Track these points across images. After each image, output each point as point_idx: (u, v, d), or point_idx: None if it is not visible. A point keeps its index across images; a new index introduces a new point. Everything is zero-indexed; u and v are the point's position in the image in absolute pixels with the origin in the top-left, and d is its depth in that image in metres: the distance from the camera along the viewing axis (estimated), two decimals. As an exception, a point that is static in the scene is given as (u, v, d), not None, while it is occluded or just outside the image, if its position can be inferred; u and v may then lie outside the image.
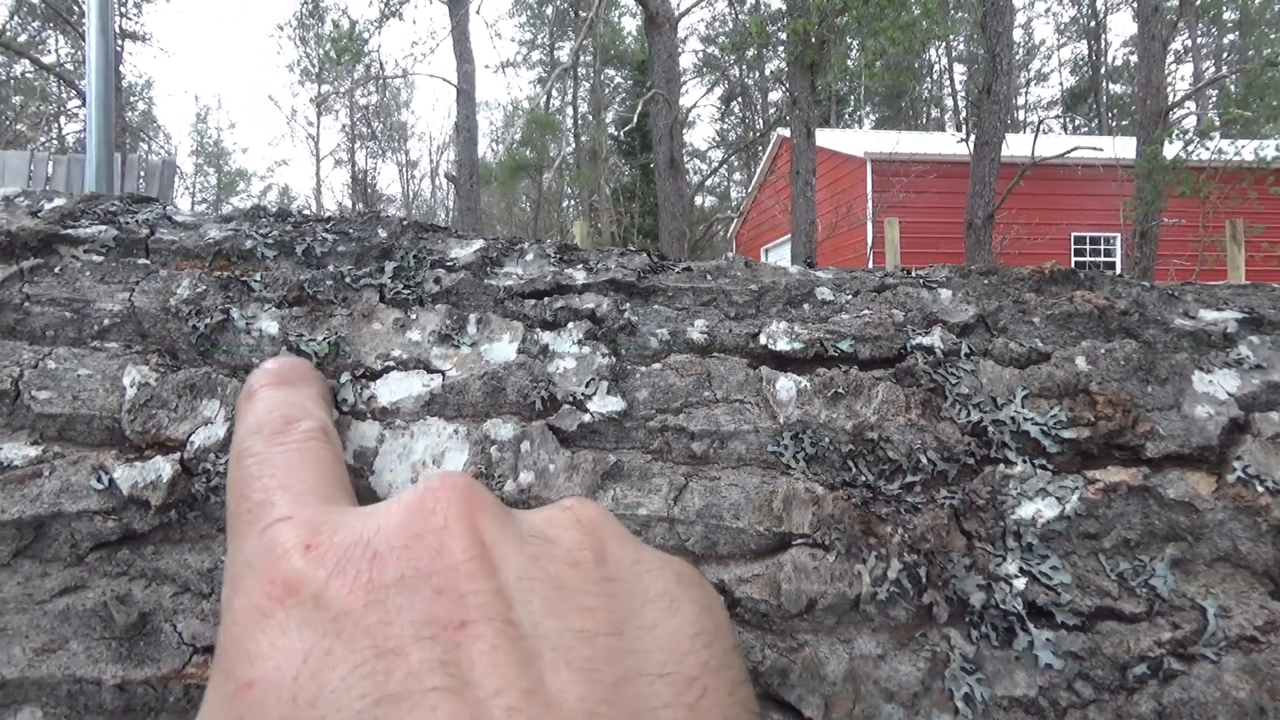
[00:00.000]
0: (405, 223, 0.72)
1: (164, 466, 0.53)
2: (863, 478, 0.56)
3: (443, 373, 0.59)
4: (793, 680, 0.51)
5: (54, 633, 0.51)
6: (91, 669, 0.51)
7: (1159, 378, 0.59)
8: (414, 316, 0.63)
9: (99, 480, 0.53)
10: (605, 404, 0.58)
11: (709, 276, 0.69)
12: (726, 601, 0.53)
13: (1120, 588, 0.53)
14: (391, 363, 0.60)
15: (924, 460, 0.56)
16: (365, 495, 0.54)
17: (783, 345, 0.62)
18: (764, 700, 0.52)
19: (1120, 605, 0.52)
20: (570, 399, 0.58)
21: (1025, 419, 0.57)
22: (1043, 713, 0.51)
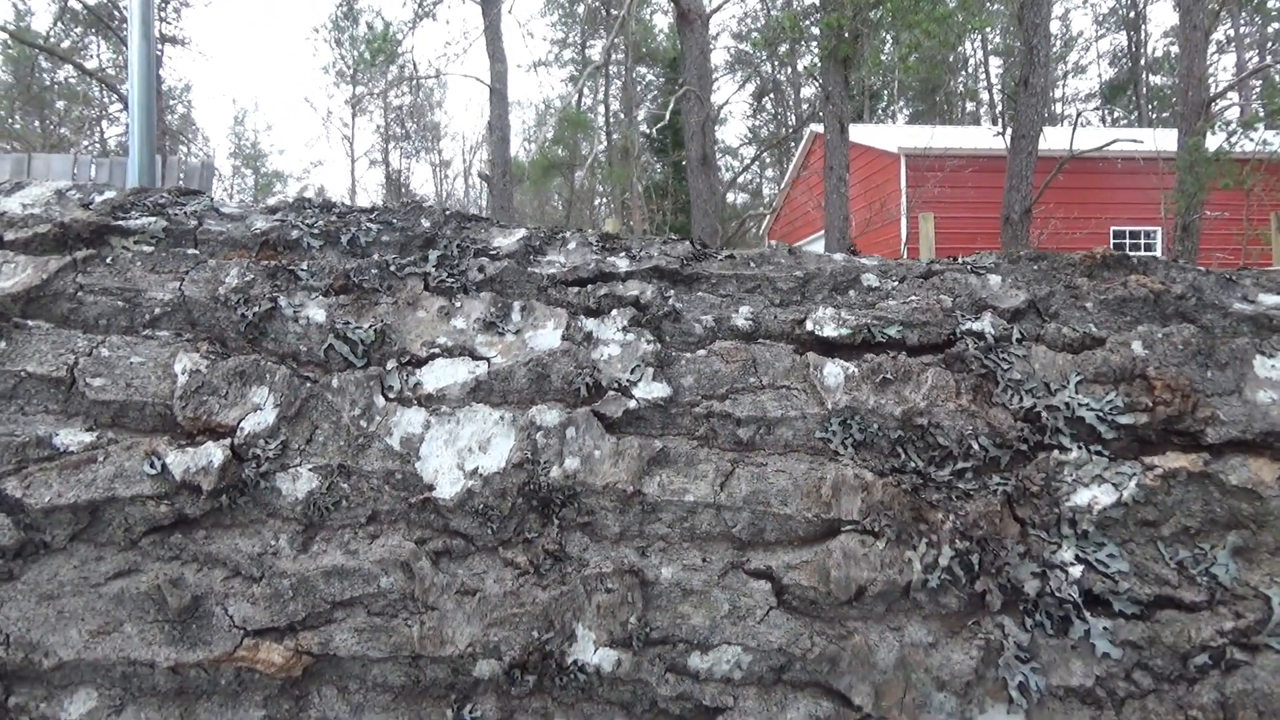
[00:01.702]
0: (448, 212, 0.72)
1: (215, 452, 0.54)
2: (913, 464, 0.55)
3: (488, 360, 0.59)
4: (842, 668, 0.51)
5: (109, 615, 0.52)
6: (145, 651, 0.51)
7: (1219, 362, 0.58)
8: (458, 304, 0.63)
9: (152, 465, 0.53)
10: (650, 390, 0.58)
11: (753, 264, 0.69)
12: (774, 589, 0.52)
13: (1180, 576, 0.52)
14: (437, 350, 0.60)
15: (975, 446, 0.55)
16: (410, 480, 0.54)
17: (829, 331, 0.61)
18: (812, 688, 0.51)
19: (1180, 594, 0.51)
20: (615, 385, 0.58)
21: (1080, 404, 0.56)
22: (1100, 703, 0.50)
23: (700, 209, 12.38)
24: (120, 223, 0.66)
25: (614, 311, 0.63)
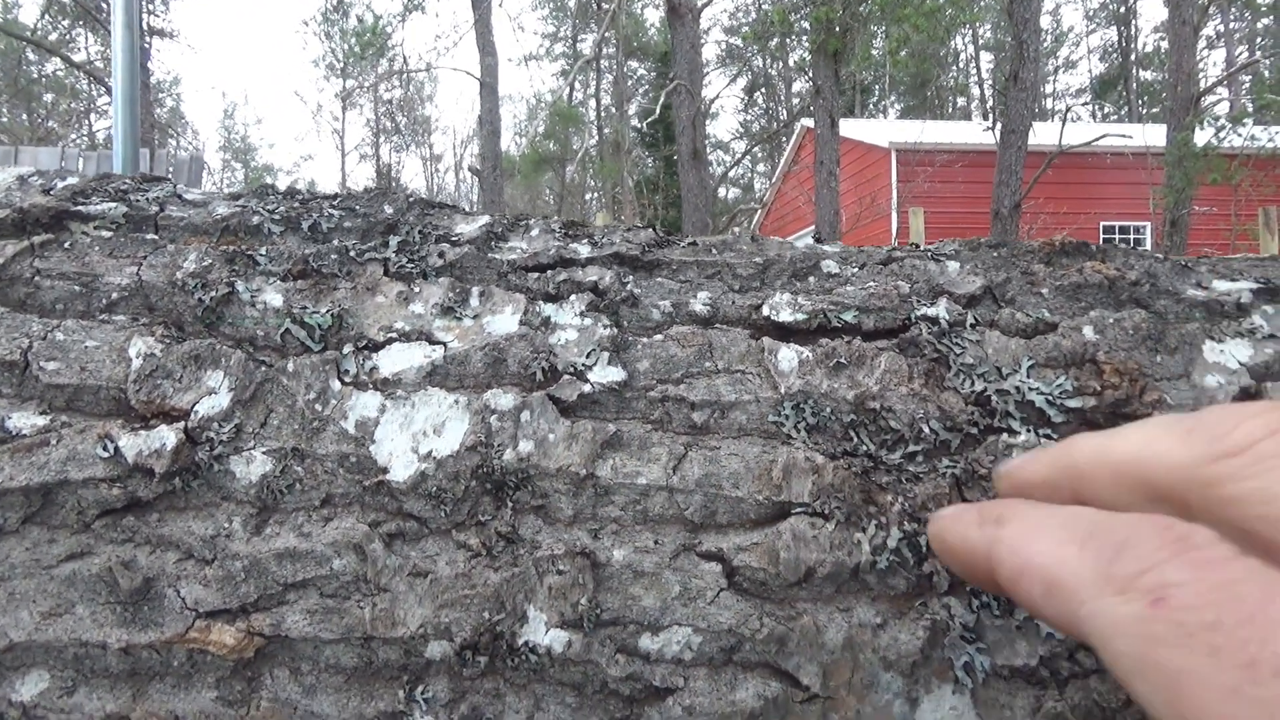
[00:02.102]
0: (412, 199, 0.72)
1: (168, 435, 0.54)
2: (864, 447, 0.55)
3: (445, 344, 0.60)
4: (791, 649, 0.51)
5: (60, 597, 0.52)
6: (97, 633, 0.52)
7: (1169, 347, 0.58)
8: (417, 289, 0.63)
9: (105, 449, 0.53)
10: (606, 374, 0.58)
11: (714, 250, 0.69)
12: (724, 570, 0.52)
13: (1125, 557, 0.52)
14: (394, 334, 0.60)
15: (926, 430, 0.55)
16: (365, 464, 0.54)
17: (785, 316, 0.61)
18: (762, 669, 0.52)
19: (1125, 575, 0.52)
20: (571, 369, 0.58)
21: (1030, 389, 0.56)
22: (1044, 682, 0.50)
23: (691, 203, 12.37)
24: (80, 208, 0.66)
25: (573, 297, 0.63)
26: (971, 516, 0.41)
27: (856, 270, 0.68)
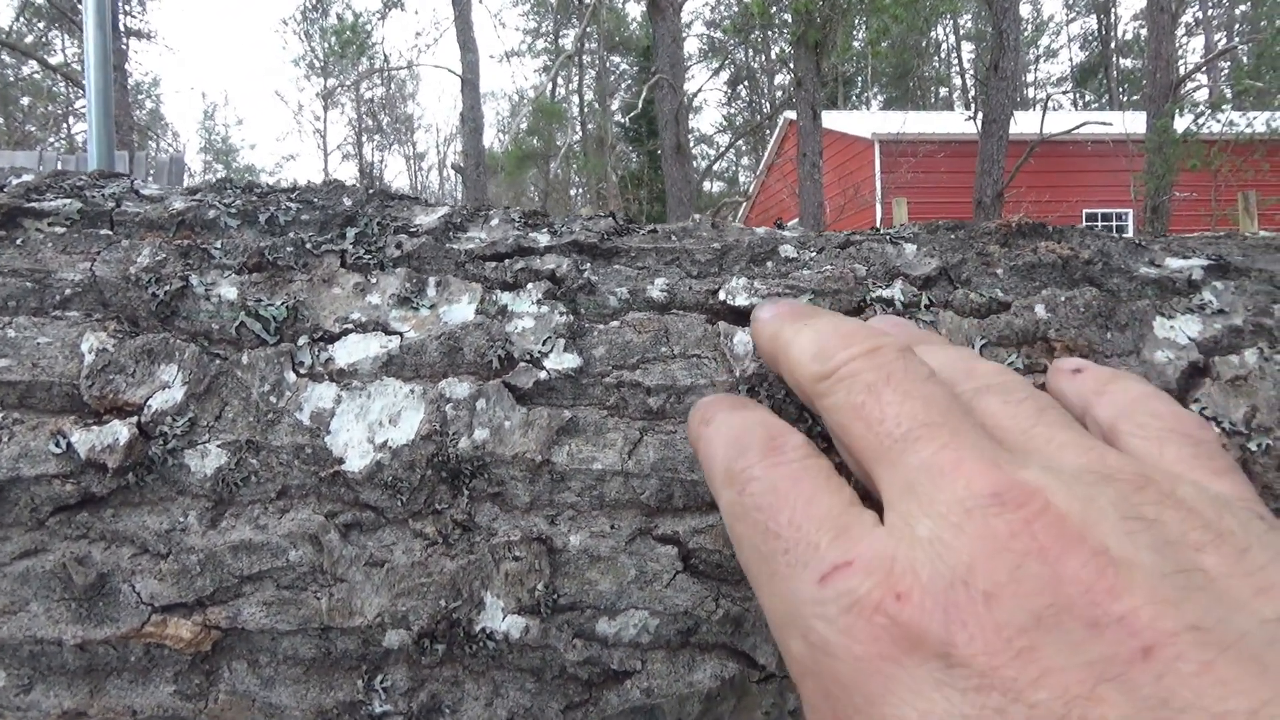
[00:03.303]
0: (371, 191, 0.72)
1: (121, 430, 0.54)
2: (819, 428, 0.56)
3: (401, 334, 0.60)
4: (747, 629, 0.51)
5: (14, 595, 0.52)
6: (52, 629, 0.51)
7: (1119, 324, 0.59)
8: (374, 280, 0.63)
9: (57, 444, 0.53)
10: (562, 361, 0.58)
11: (673, 237, 0.69)
12: (680, 553, 0.53)
13: (1076, 532, 0.53)
14: (350, 325, 0.60)
15: (880, 410, 0.56)
16: (320, 455, 0.54)
17: (741, 300, 0.62)
18: (719, 650, 0.52)
19: (1076, 549, 0.52)
20: (527, 357, 0.58)
21: (983, 367, 0.56)
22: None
23: (676, 197, 12.38)
24: (34, 204, 0.66)
25: (530, 285, 0.63)
26: (698, 413, 0.48)
27: (814, 254, 0.68)
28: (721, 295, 0.63)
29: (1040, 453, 0.36)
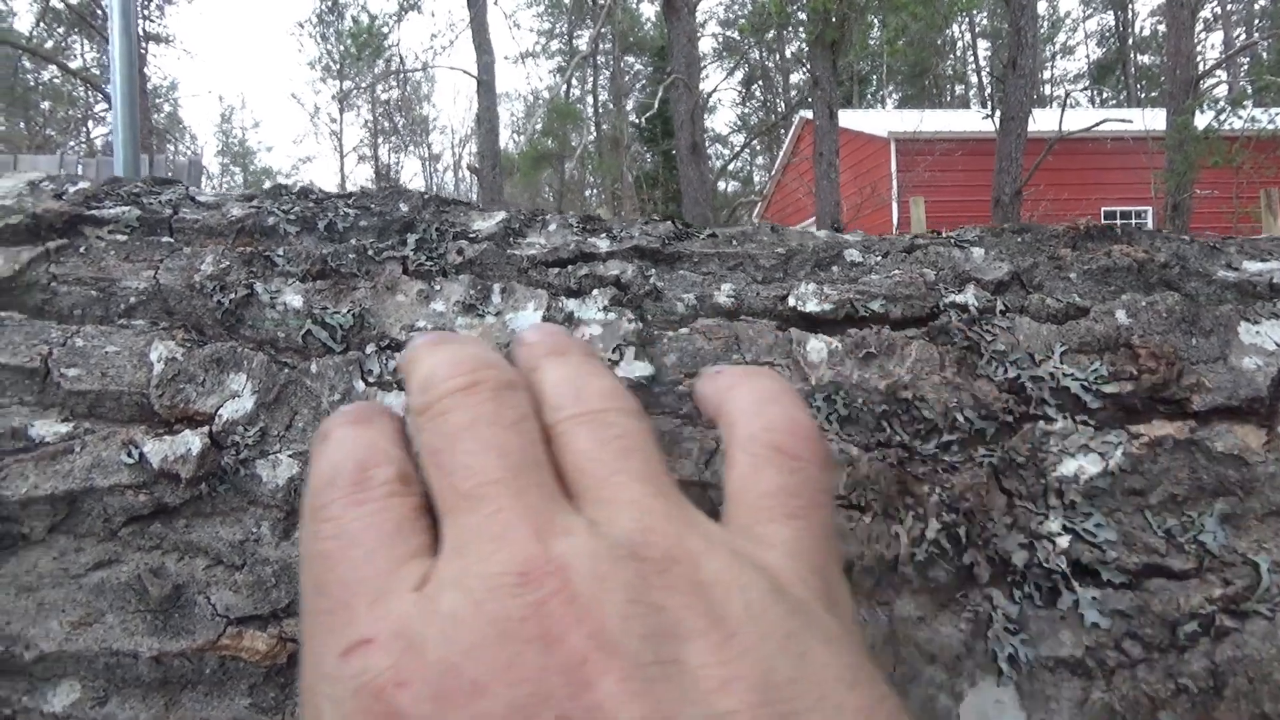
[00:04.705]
0: (427, 196, 0.71)
1: (193, 440, 0.53)
2: (898, 438, 0.55)
3: (468, 342, 0.59)
4: (831, 643, 0.50)
5: (90, 606, 0.51)
6: (128, 642, 0.51)
7: (1203, 330, 0.57)
8: (438, 287, 0.62)
9: (129, 455, 0.53)
10: (633, 369, 0.57)
11: (734, 242, 0.68)
12: None
13: (1168, 544, 0.51)
14: (416, 334, 0.59)
15: (961, 419, 0.55)
16: (394, 465, 0.54)
17: (812, 306, 0.61)
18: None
19: (1169, 562, 0.51)
20: (597, 365, 0.57)
21: (1065, 374, 0.55)
22: (1090, 673, 0.49)
23: (691, 198, 12.36)
24: (94, 212, 0.66)
25: (595, 291, 0.62)
26: (322, 427, 0.43)
27: (880, 259, 0.67)
28: (791, 301, 0.62)
29: (604, 506, 0.35)
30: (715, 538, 0.34)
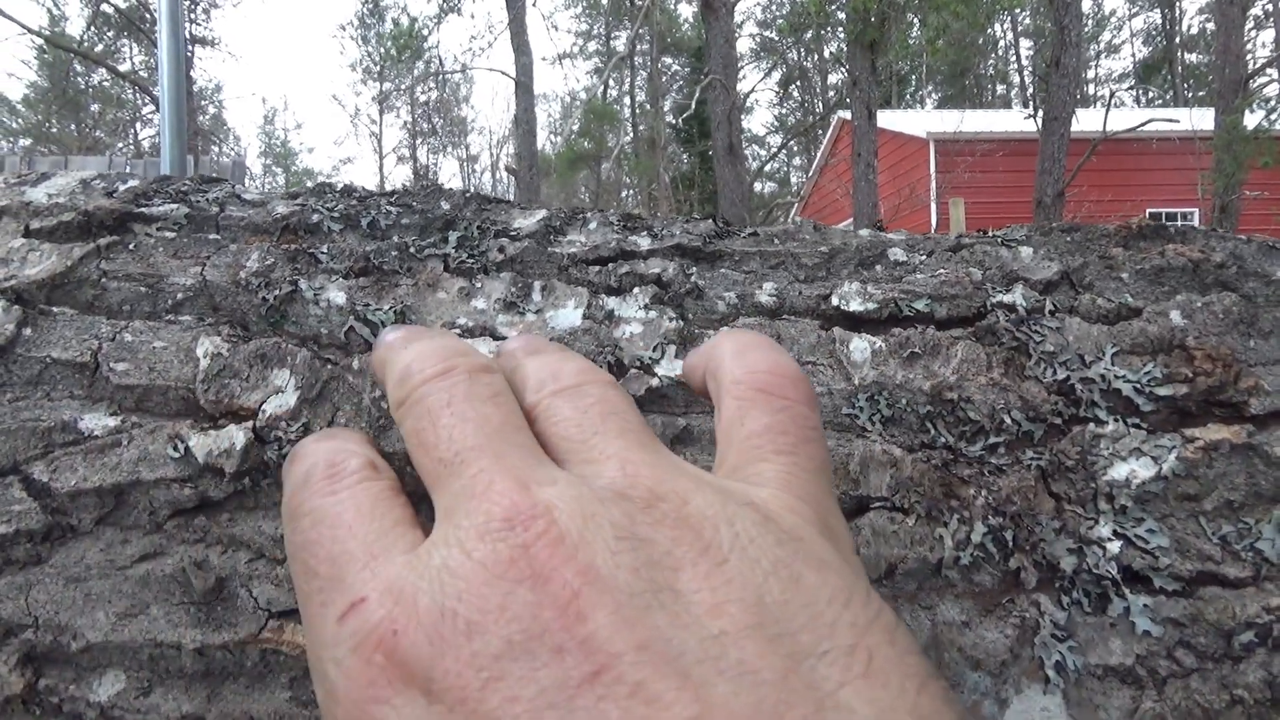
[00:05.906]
0: (468, 194, 0.72)
1: (237, 435, 0.54)
2: (943, 439, 0.54)
3: (508, 340, 0.59)
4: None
5: (135, 598, 0.52)
6: (171, 633, 0.51)
7: (1262, 331, 0.56)
8: (479, 285, 0.62)
9: (175, 449, 0.53)
10: (674, 368, 0.57)
11: (776, 240, 0.67)
12: None
13: (1223, 551, 0.50)
14: (458, 330, 0.59)
15: (1008, 420, 0.53)
16: (434, 461, 0.54)
17: (856, 306, 0.60)
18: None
19: (1224, 570, 0.50)
20: (638, 363, 0.57)
21: (1116, 376, 0.54)
22: (1140, 682, 0.48)
23: (727, 198, 12.32)
24: (143, 210, 0.67)
25: (636, 290, 0.62)
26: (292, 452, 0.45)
27: (925, 258, 0.66)
28: (834, 300, 0.61)
29: (587, 464, 0.35)
30: (702, 479, 0.35)
